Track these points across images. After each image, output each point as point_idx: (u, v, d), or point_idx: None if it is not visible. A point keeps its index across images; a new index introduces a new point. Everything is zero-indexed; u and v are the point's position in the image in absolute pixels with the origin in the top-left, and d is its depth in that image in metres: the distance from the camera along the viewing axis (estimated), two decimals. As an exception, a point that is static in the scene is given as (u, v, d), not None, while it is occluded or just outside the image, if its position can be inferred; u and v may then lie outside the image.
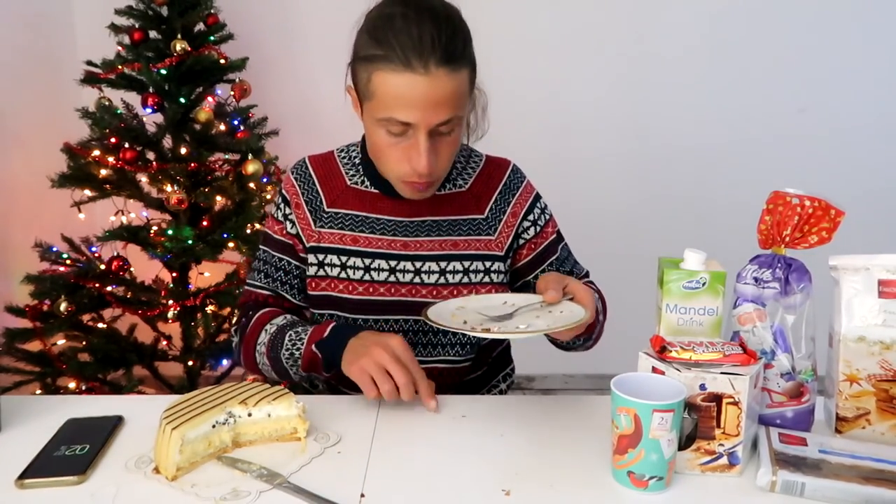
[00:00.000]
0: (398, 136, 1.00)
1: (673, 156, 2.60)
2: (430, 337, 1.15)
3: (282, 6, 2.50)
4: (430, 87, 0.95)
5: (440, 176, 1.07)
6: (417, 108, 0.96)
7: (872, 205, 2.40)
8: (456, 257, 1.13)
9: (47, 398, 1.07)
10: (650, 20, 2.50)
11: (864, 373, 0.91)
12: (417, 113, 0.96)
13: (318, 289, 1.14)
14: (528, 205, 1.19)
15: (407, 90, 0.95)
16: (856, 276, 0.92)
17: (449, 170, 1.10)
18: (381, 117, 0.99)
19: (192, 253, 2.03)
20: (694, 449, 0.84)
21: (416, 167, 1.00)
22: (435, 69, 0.94)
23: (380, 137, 1.02)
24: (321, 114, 2.40)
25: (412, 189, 1.07)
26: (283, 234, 1.18)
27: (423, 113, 0.96)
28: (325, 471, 0.86)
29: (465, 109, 1.03)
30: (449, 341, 1.15)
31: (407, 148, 1.01)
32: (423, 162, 1.00)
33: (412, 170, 1.01)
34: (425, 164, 1.00)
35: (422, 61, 0.94)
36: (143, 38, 2.04)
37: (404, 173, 1.04)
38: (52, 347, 2.00)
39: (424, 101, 0.96)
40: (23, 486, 0.82)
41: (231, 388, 0.94)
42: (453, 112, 0.98)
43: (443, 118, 0.98)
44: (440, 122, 0.98)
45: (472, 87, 1.05)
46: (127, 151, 2.00)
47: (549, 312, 0.97)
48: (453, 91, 0.97)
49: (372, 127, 1.03)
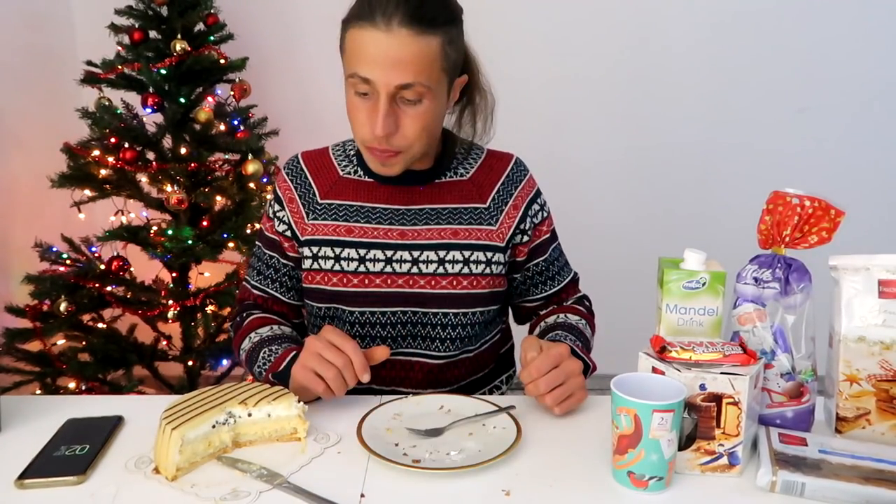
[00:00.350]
0: (363, 96, 1.01)
1: (673, 156, 2.60)
2: (428, 329, 1.14)
3: (282, 6, 2.50)
4: (389, 45, 0.96)
5: (407, 150, 1.04)
6: (377, 65, 0.97)
7: (872, 205, 2.40)
8: (456, 246, 1.12)
9: (47, 398, 1.07)
10: (651, 21, 2.50)
11: (864, 373, 0.91)
12: (377, 70, 0.97)
13: (314, 282, 1.14)
14: (529, 199, 1.18)
15: (368, 45, 0.97)
16: (856, 276, 0.92)
17: (424, 149, 1.07)
18: (348, 73, 1.01)
19: (192, 253, 2.03)
20: (694, 449, 0.84)
21: (373, 129, 1.00)
22: (397, 27, 0.95)
23: (349, 100, 1.03)
24: (321, 114, 2.40)
25: (374, 158, 1.06)
26: (272, 232, 1.18)
27: (381, 70, 0.97)
28: (325, 471, 0.86)
29: (436, 82, 1.01)
30: (448, 335, 1.14)
31: (369, 110, 1.01)
32: (378, 123, 0.99)
33: (371, 133, 1.01)
34: (381, 126, 0.99)
35: (385, 18, 0.95)
36: (142, 38, 2.04)
37: (365, 138, 1.03)
38: (51, 347, 2.00)
39: (384, 59, 0.96)
40: (23, 486, 0.82)
41: (231, 388, 0.94)
42: (415, 77, 0.98)
43: (402, 80, 0.97)
44: (400, 83, 0.97)
45: (448, 62, 1.02)
46: (127, 151, 2.00)
47: (483, 426, 0.95)
48: (416, 55, 0.97)
49: (347, 90, 1.03)
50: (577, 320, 1.18)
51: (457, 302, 1.13)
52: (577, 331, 1.15)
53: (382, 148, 1.03)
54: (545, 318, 1.22)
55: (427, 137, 1.06)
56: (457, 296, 1.12)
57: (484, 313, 1.16)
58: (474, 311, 1.14)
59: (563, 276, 1.25)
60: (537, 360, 0.96)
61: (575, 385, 0.97)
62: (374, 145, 1.03)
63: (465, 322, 1.14)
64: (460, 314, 1.14)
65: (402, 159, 1.06)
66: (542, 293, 1.23)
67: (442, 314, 1.13)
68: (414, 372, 1.16)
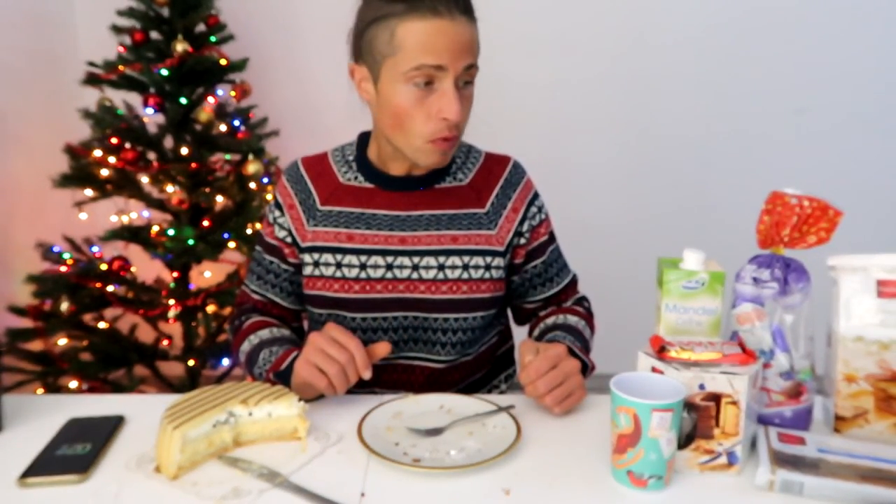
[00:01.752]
0: (425, 88, 1.02)
1: (672, 156, 2.60)
2: (429, 334, 1.15)
3: (282, 7, 2.51)
4: (456, 32, 1.00)
5: (461, 133, 1.08)
6: (447, 51, 0.99)
7: (871, 205, 2.40)
8: (455, 252, 1.13)
9: (49, 398, 1.07)
10: (649, 21, 2.50)
11: (862, 372, 0.91)
12: (447, 55, 1.00)
13: (315, 288, 1.15)
14: (528, 202, 1.18)
15: (437, 35, 0.99)
16: (854, 275, 0.92)
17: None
18: (411, 67, 1.00)
19: (193, 253, 2.03)
20: (693, 448, 0.84)
21: (448, 114, 1.01)
22: (459, 16, 1.00)
23: (404, 97, 1.02)
24: (321, 114, 2.41)
25: (439, 149, 1.05)
26: (272, 237, 1.19)
27: (452, 55, 1.00)
28: (326, 470, 0.86)
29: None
30: (449, 340, 1.15)
31: (435, 100, 1.02)
32: (454, 107, 1.01)
33: (441, 123, 1.02)
34: (457, 110, 1.01)
35: (447, 8, 0.99)
36: (144, 39, 2.04)
37: (432, 131, 1.03)
38: (53, 347, 2.00)
39: (453, 45, 1.00)
40: (24, 485, 0.82)
41: (232, 387, 0.94)
42: (474, 58, 1.03)
43: (468, 61, 1.02)
44: (466, 64, 1.01)
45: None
46: (128, 152, 2.00)
47: (483, 426, 0.96)
48: (473, 38, 1.03)
49: (395, 88, 1.02)
50: (577, 321, 1.19)
51: (457, 307, 1.13)
52: (577, 332, 1.16)
53: (452, 135, 1.05)
54: (544, 320, 1.22)
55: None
56: (457, 301, 1.12)
57: (484, 317, 1.16)
58: (475, 315, 1.15)
59: (562, 278, 1.25)
60: (535, 362, 0.96)
61: (574, 384, 0.98)
62: (445, 134, 1.04)
63: (466, 326, 1.15)
64: (461, 319, 1.14)
65: (455, 143, 1.08)
66: (540, 295, 1.23)
67: (442, 319, 1.14)
68: (415, 375, 1.17)
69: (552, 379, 0.96)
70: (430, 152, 1.06)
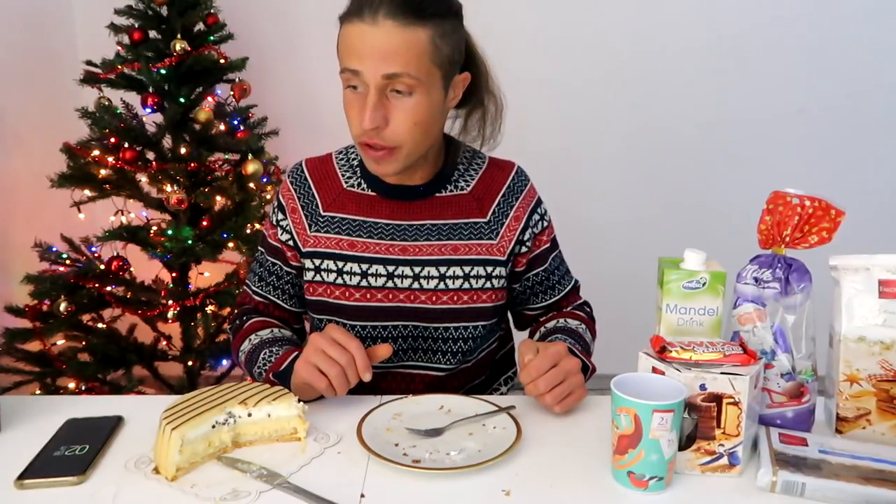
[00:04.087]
0: (355, 91, 1.01)
1: (673, 156, 2.60)
2: (429, 343, 1.15)
3: (282, 6, 2.50)
4: (375, 37, 0.97)
5: (400, 146, 1.03)
6: (364, 57, 0.98)
7: (872, 205, 2.40)
8: (456, 262, 1.12)
9: (47, 398, 1.07)
10: (650, 20, 2.50)
11: (864, 373, 0.91)
12: (364, 61, 0.98)
13: (315, 294, 1.14)
14: (530, 210, 1.17)
15: (356, 39, 0.98)
16: (856, 276, 0.92)
17: (420, 149, 1.05)
18: (341, 69, 1.01)
19: (192, 253, 2.03)
20: (694, 449, 0.84)
21: (361, 121, 1.00)
22: (382, 19, 0.96)
23: (344, 97, 1.03)
24: (321, 114, 2.39)
25: (368, 156, 1.05)
26: (275, 239, 1.18)
27: (369, 61, 0.97)
28: (325, 471, 0.86)
29: (427, 74, 1.00)
30: (449, 349, 1.15)
31: (360, 104, 1.01)
32: (367, 115, 0.99)
33: (361, 126, 1.01)
34: (368, 118, 0.99)
35: (371, 11, 0.97)
36: (142, 38, 2.03)
37: (357, 132, 1.03)
38: (51, 347, 1.99)
39: (370, 50, 0.97)
40: (22, 486, 0.82)
41: (231, 388, 0.94)
42: (402, 67, 0.97)
43: (389, 70, 0.97)
44: (386, 73, 0.97)
45: (439, 55, 1.01)
46: (127, 151, 1.99)
47: (483, 426, 0.96)
48: (402, 45, 0.97)
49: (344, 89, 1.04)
50: (577, 325, 1.18)
51: (458, 316, 1.13)
52: (577, 334, 1.15)
53: (374, 142, 1.02)
54: (544, 324, 1.22)
55: (421, 135, 1.03)
56: (458, 310, 1.12)
57: (485, 326, 1.16)
58: (475, 324, 1.14)
59: (564, 286, 1.24)
60: (535, 361, 0.96)
61: (574, 383, 0.97)
62: (366, 139, 1.02)
63: (467, 335, 1.15)
64: (461, 328, 1.14)
65: (397, 158, 1.04)
66: (542, 302, 1.23)
67: (443, 328, 1.13)
68: (415, 384, 1.17)
69: (552, 377, 0.95)
70: (364, 157, 1.06)
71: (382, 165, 1.05)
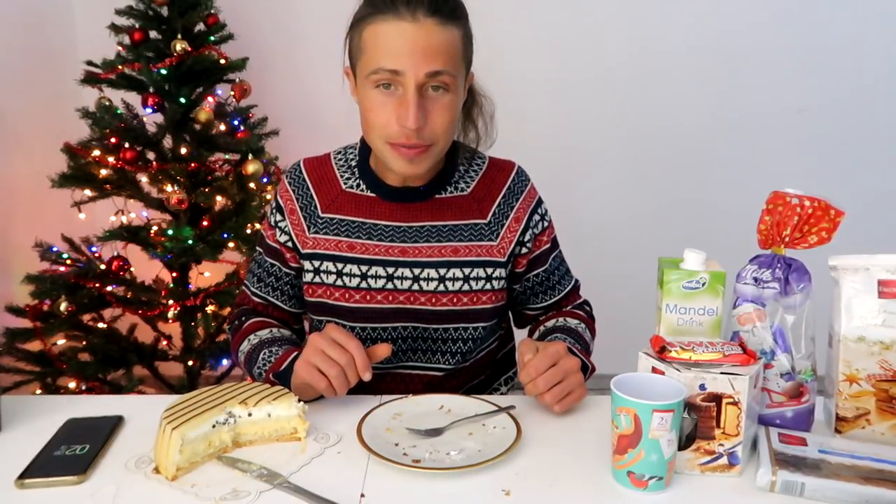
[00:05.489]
0: (387, 91, 0.99)
1: (673, 156, 2.60)
2: (429, 343, 1.15)
3: (282, 6, 2.50)
4: (418, 35, 0.96)
5: (434, 143, 1.02)
6: (405, 55, 0.96)
7: (872, 205, 2.41)
8: (456, 264, 1.12)
9: (47, 398, 1.07)
10: (651, 21, 2.50)
11: (863, 373, 0.91)
12: (406, 59, 0.96)
13: (315, 295, 1.14)
14: (530, 210, 1.17)
15: (395, 37, 0.96)
16: (855, 276, 0.92)
17: (446, 147, 1.05)
18: (372, 70, 0.98)
19: (193, 253, 2.03)
20: (694, 449, 0.84)
21: (404, 121, 0.97)
22: (423, 18, 0.96)
23: (370, 99, 1.01)
24: (321, 114, 2.40)
25: (401, 156, 1.02)
26: (273, 240, 1.18)
27: (411, 59, 0.96)
28: (325, 471, 0.86)
29: (459, 72, 1.01)
30: (449, 349, 1.15)
31: (396, 105, 0.99)
32: (410, 114, 0.97)
33: (400, 128, 0.99)
34: (413, 118, 0.97)
35: (409, 9, 0.96)
36: (143, 38, 2.04)
37: (392, 134, 1.00)
38: (52, 347, 2.00)
39: (413, 48, 0.96)
40: (23, 485, 0.82)
41: (231, 388, 0.94)
42: (444, 65, 0.97)
43: (433, 68, 0.97)
44: (429, 71, 0.97)
45: (467, 54, 1.03)
46: (127, 151, 2.00)
47: (483, 426, 0.96)
48: (443, 43, 0.97)
49: (364, 90, 1.02)
50: (577, 324, 1.18)
51: (458, 318, 1.13)
52: (576, 334, 1.15)
53: (412, 143, 1.00)
54: (544, 323, 1.22)
55: (451, 132, 1.04)
56: (458, 312, 1.12)
57: (485, 327, 1.16)
58: (475, 325, 1.14)
59: (564, 286, 1.24)
60: (535, 360, 0.96)
61: (574, 382, 0.97)
62: (403, 140, 1.00)
63: (467, 336, 1.15)
64: (461, 329, 1.14)
65: (431, 154, 1.04)
66: (542, 303, 1.23)
67: (443, 329, 1.13)
68: (414, 384, 1.17)
69: (551, 376, 0.95)
70: (394, 158, 1.03)
71: (415, 164, 1.03)
